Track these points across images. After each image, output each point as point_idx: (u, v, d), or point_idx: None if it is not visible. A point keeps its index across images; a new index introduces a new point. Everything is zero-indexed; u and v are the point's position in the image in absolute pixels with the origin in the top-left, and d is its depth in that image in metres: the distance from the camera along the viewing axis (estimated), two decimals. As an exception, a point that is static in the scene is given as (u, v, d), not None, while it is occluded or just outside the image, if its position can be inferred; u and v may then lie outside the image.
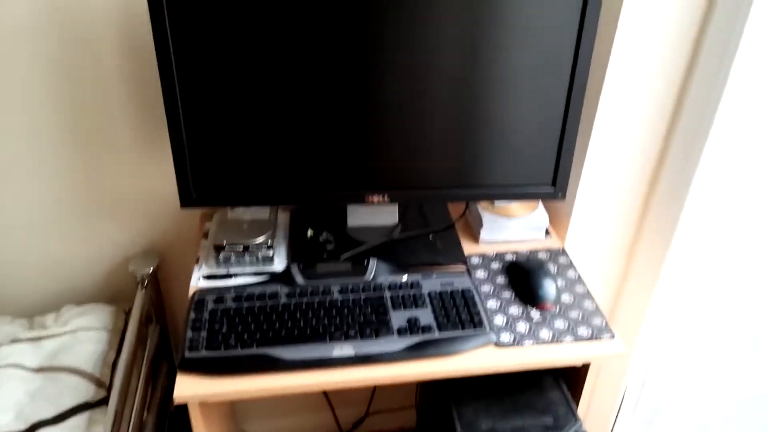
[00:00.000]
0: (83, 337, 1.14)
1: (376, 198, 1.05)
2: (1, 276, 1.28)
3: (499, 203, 1.18)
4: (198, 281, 1.06)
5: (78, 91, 1.11)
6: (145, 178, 1.23)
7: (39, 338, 1.15)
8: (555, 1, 0.90)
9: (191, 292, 1.03)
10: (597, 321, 1.00)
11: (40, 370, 1.09)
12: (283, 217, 1.21)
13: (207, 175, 1.01)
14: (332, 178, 1.03)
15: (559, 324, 0.99)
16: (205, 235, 1.16)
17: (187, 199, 1.01)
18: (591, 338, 0.97)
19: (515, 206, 1.18)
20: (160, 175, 1.23)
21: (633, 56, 1.04)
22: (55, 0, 1.02)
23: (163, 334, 1.35)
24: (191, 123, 0.96)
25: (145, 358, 1.22)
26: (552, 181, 1.06)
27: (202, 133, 0.97)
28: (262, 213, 1.14)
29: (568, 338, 0.97)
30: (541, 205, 1.20)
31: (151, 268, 1.26)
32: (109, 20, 1.05)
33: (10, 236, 1.24)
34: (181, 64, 0.91)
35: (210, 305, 0.99)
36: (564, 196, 1.06)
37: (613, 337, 0.97)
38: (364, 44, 0.92)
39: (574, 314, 1.01)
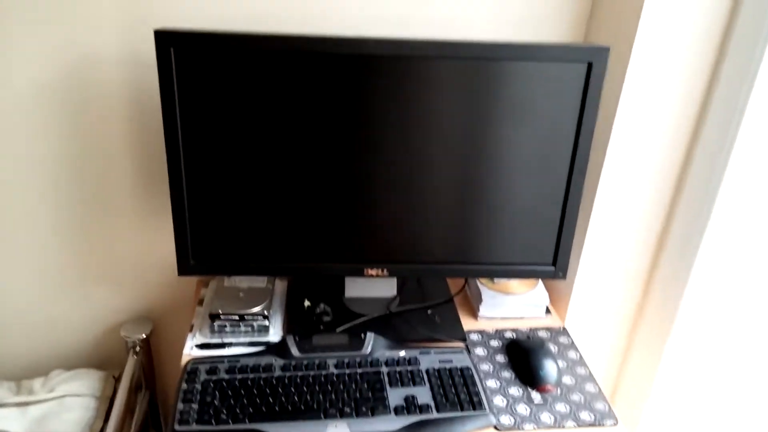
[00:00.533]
0: (71, 404, 1.11)
1: (374, 271, 1.04)
2: (-10, 338, 1.26)
3: (498, 279, 1.17)
4: (191, 350, 1.03)
5: (78, 155, 1.12)
6: (140, 243, 1.22)
7: (26, 403, 1.11)
8: (556, 83, 0.91)
9: (184, 360, 1.00)
10: (600, 406, 0.97)
11: (25, 437, 1.05)
12: (280, 286, 1.19)
13: (206, 244, 1.00)
14: (331, 251, 1.02)
15: (561, 407, 0.96)
16: (200, 302, 1.14)
17: (185, 267, 1.00)
18: (594, 424, 0.94)
19: (515, 283, 1.17)
20: (156, 241, 1.22)
21: (634, 134, 1.05)
22: (60, 66, 1.04)
23: (153, 401, 1.32)
24: (194, 193, 0.96)
25: (134, 426, 1.18)
26: (552, 260, 1.05)
27: (203, 203, 0.97)
28: (259, 281, 1.13)
29: (570, 423, 0.94)
30: (541, 282, 1.19)
31: (144, 334, 1.23)
32: (115, 89, 1.07)
33: (1, 297, 1.22)
34: (187, 136, 0.92)
35: (203, 376, 0.96)
36: (564, 275, 1.05)
37: (616, 423, 0.94)
38: (365, 123, 0.93)
39: (576, 397, 0.98)
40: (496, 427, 0.92)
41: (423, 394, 0.95)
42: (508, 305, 1.15)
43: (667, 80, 1.01)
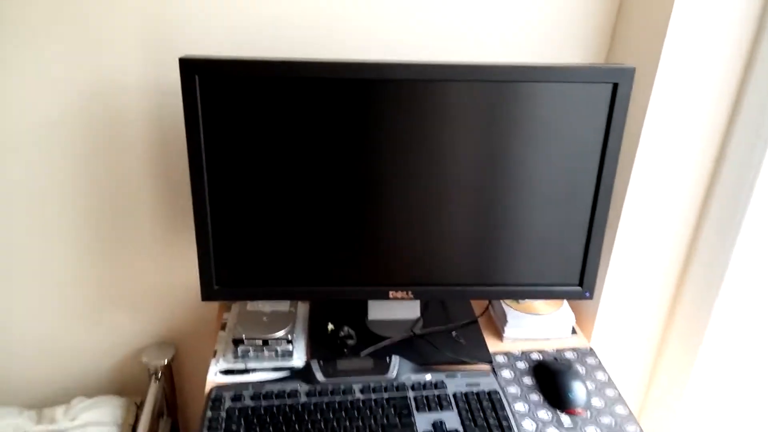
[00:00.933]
0: (93, 432, 1.10)
1: (399, 294, 1.03)
2: (11, 366, 1.26)
3: (523, 300, 1.16)
4: (215, 376, 1.03)
5: (99, 182, 1.12)
6: (160, 268, 1.22)
7: (48, 432, 1.11)
8: (581, 105, 0.91)
9: (208, 387, 1.00)
10: (631, 429, 0.95)
11: (47, 466, 1.05)
12: (302, 309, 1.19)
13: (230, 269, 0.99)
14: (355, 274, 1.01)
15: (591, 431, 0.95)
16: (223, 327, 1.13)
17: (209, 292, 1.00)
18: (625, 447, 0.92)
19: (540, 303, 1.16)
20: (177, 266, 1.22)
21: (660, 154, 1.04)
22: (83, 94, 1.04)
23: (175, 428, 1.31)
24: (217, 218, 0.96)
25: (154, 454, 1.17)
26: (579, 280, 1.04)
27: (227, 228, 0.97)
28: (282, 305, 1.12)
29: (601, 446, 0.92)
30: (566, 302, 1.17)
31: (166, 360, 1.23)
32: (137, 116, 1.08)
33: (22, 326, 1.22)
34: (211, 162, 0.92)
35: (227, 403, 0.95)
36: (592, 296, 1.04)
37: (648, 445, 0.92)
38: (389, 147, 0.92)
39: (606, 420, 0.97)
40: (526, 452, 0.91)
41: (451, 419, 0.93)
42: (534, 326, 1.13)
43: (692, 100, 1.01)
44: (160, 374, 1.22)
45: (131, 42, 1.01)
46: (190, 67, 0.85)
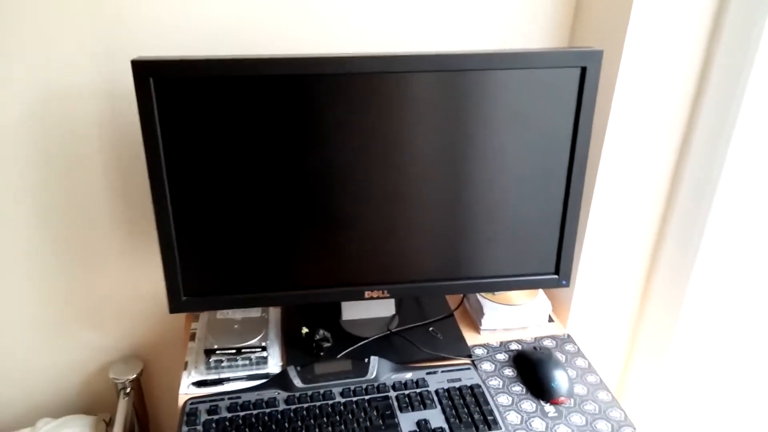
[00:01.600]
0: (60, 456, 1.06)
1: (375, 293, 1.00)
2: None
3: (500, 291, 1.15)
4: (188, 388, 0.99)
5: (55, 192, 1.07)
6: (123, 280, 1.17)
7: (11, 459, 1.05)
8: (549, 90, 0.89)
9: (181, 400, 0.96)
10: (615, 414, 0.95)
11: (12, 496, 0.99)
12: (274, 314, 1.15)
13: (197, 278, 0.95)
14: (327, 276, 0.98)
15: (577, 419, 0.94)
16: (192, 337, 1.09)
17: (177, 304, 0.95)
18: (611, 433, 0.92)
19: (516, 293, 1.15)
20: (140, 277, 1.18)
21: (628, 138, 1.04)
22: (33, 100, 0.99)
23: (146, 443, 1.26)
24: (181, 226, 0.92)
25: (127, 472, 1.13)
26: (555, 269, 1.03)
27: (192, 236, 0.93)
28: (253, 311, 1.09)
29: (587, 434, 0.92)
30: (542, 290, 1.17)
31: (134, 374, 1.18)
32: (91, 122, 1.02)
33: (-20, 346, 1.16)
34: (171, 167, 0.88)
35: (203, 416, 0.91)
36: (569, 283, 1.03)
37: (634, 430, 0.92)
38: (354, 143, 0.89)
39: (590, 407, 0.96)
40: (512, 446, 0.90)
41: (435, 417, 0.92)
42: (510, 316, 1.12)
43: (659, 82, 1.00)
44: (129, 389, 1.17)
45: (82, 44, 0.96)
46: (143, 69, 0.81)
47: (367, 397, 0.95)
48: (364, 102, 0.87)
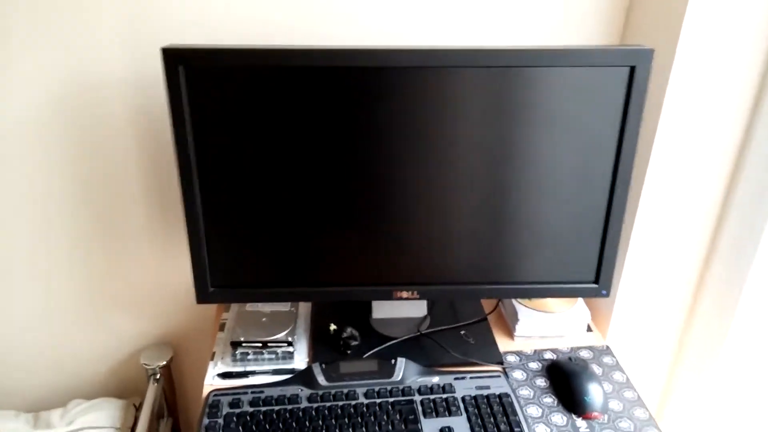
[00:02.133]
0: (89, 438, 1.07)
1: (404, 294, 0.98)
2: (8, 368, 1.23)
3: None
4: (213, 379, 0.98)
5: (92, 184, 1.08)
6: (157, 267, 1.18)
7: (42, 438, 1.07)
8: (596, 90, 0.85)
9: (205, 391, 0.95)
10: (651, 433, 0.90)
11: (42, 474, 1.01)
12: (303, 308, 1.14)
13: (225, 269, 0.95)
14: (357, 273, 0.96)
15: (609, 436, 0.90)
16: (222, 327, 1.09)
17: (204, 295, 0.95)
18: (645, 454, 0.87)
19: (554, 300, 1.10)
20: (174, 266, 1.18)
21: (679, 142, 0.98)
22: (64, 90, 1.00)
23: (176, 429, 1.27)
24: (210, 216, 0.91)
25: (156, 456, 1.14)
26: (595, 277, 0.98)
27: (220, 227, 0.92)
28: (282, 305, 1.08)
29: (619, 453, 0.87)
30: (581, 299, 1.12)
31: (165, 361, 1.19)
32: (123, 111, 1.03)
33: (18, 328, 1.19)
34: (200, 157, 0.87)
35: (225, 409, 0.91)
36: (608, 293, 0.98)
37: (669, 452, 0.87)
38: (390, 139, 0.86)
39: (625, 425, 0.91)
40: (539, 460, 0.86)
41: (460, 426, 0.89)
42: (546, 324, 1.08)
43: (714, 83, 0.94)
44: (159, 375, 1.18)
45: (113, 32, 0.96)
46: (173, 58, 0.80)
47: (391, 400, 0.92)
48: (399, 97, 0.84)
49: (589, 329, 1.12)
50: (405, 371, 0.97)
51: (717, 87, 0.95)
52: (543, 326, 1.08)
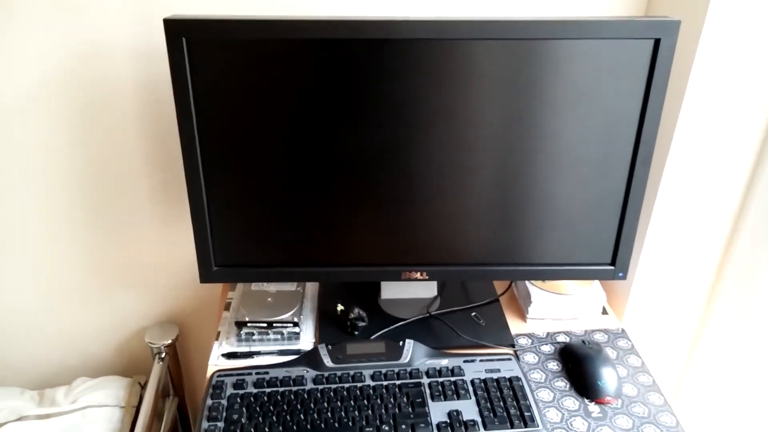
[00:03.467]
0: (94, 416, 1.06)
1: (414, 275, 0.95)
2: (14, 347, 1.22)
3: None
4: (218, 359, 0.97)
5: (96, 161, 1.06)
6: (162, 245, 1.16)
7: (48, 416, 1.06)
8: (618, 63, 0.80)
9: (209, 371, 0.94)
10: (667, 419, 0.87)
11: (47, 451, 1.00)
12: (310, 288, 1.12)
13: (229, 248, 0.92)
14: (364, 253, 0.93)
15: (623, 422, 0.87)
16: (227, 307, 1.07)
17: (207, 274, 0.93)
18: (660, 441, 0.85)
19: (568, 282, 1.07)
20: (180, 244, 1.16)
21: (705, 115, 0.94)
22: (67, 62, 0.97)
23: (181, 407, 1.26)
24: (213, 193, 0.88)
25: (161, 432, 1.13)
26: (611, 259, 0.94)
27: (224, 204, 0.89)
28: (288, 284, 1.05)
29: (633, 440, 0.85)
30: (597, 281, 1.09)
31: (170, 340, 1.18)
32: (126, 84, 1.00)
33: (24, 306, 1.19)
34: (203, 132, 0.84)
35: (229, 390, 0.89)
36: (625, 276, 0.95)
37: (685, 440, 0.85)
38: (400, 114, 0.83)
39: (639, 410, 0.89)
40: (550, 446, 0.84)
41: (468, 409, 0.86)
42: (560, 306, 1.05)
43: (743, 57, 0.90)
44: (164, 354, 1.17)
45: (116, 3, 0.93)
46: (175, 29, 0.77)
47: (398, 382, 0.90)
48: (411, 71, 0.80)
49: (604, 312, 1.09)
50: (413, 353, 0.95)
51: (746, 61, 0.90)
52: (557, 308, 1.05)
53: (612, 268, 0.95)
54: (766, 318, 1.04)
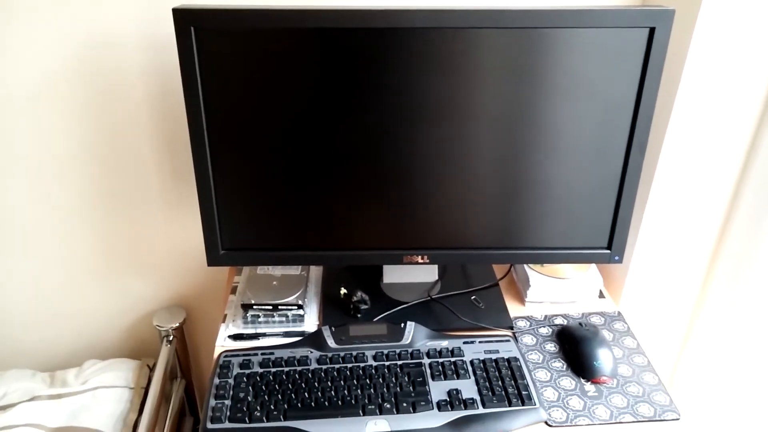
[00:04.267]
0: (104, 396, 1.09)
1: (415, 258, 0.97)
2: (26, 330, 1.25)
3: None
4: (224, 341, 0.99)
5: (104, 143, 1.08)
6: (170, 230, 1.19)
7: (59, 396, 1.09)
8: (613, 52, 0.83)
9: (216, 352, 0.97)
10: (660, 398, 0.90)
11: (60, 430, 1.03)
12: (315, 272, 1.14)
13: (236, 232, 0.95)
14: (367, 237, 0.96)
15: (618, 400, 0.89)
16: (234, 290, 1.10)
17: (214, 257, 0.95)
18: (654, 418, 0.87)
19: (566, 266, 1.10)
20: (187, 229, 1.19)
21: (700, 103, 0.96)
22: (76, 52, 0.99)
23: (189, 389, 1.29)
24: (221, 179, 0.91)
25: (169, 414, 1.17)
26: (608, 243, 0.97)
27: (231, 190, 0.92)
28: (293, 268, 1.08)
29: (628, 417, 0.87)
30: (594, 265, 1.11)
31: (177, 323, 1.20)
32: (135, 73, 1.03)
33: (34, 289, 1.21)
34: (211, 119, 0.86)
35: (235, 370, 0.92)
36: (621, 259, 0.97)
37: (678, 417, 0.87)
38: (401, 101, 0.85)
39: (633, 389, 0.91)
40: (547, 423, 0.86)
41: (468, 388, 0.89)
42: (558, 289, 1.07)
43: (737, 46, 0.92)
44: (171, 337, 1.20)
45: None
46: (184, 18, 0.79)
47: (399, 362, 0.93)
48: (412, 58, 0.82)
49: (601, 296, 1.11)
50: (414, 335, 0.97)
51: (740, 50, 0.92)
52: (554, 292, 1.07)
53: (608, 251, 0.97)
54: (760, 301, 1.07)
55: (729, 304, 1.09)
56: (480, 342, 0.97)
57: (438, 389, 0.89)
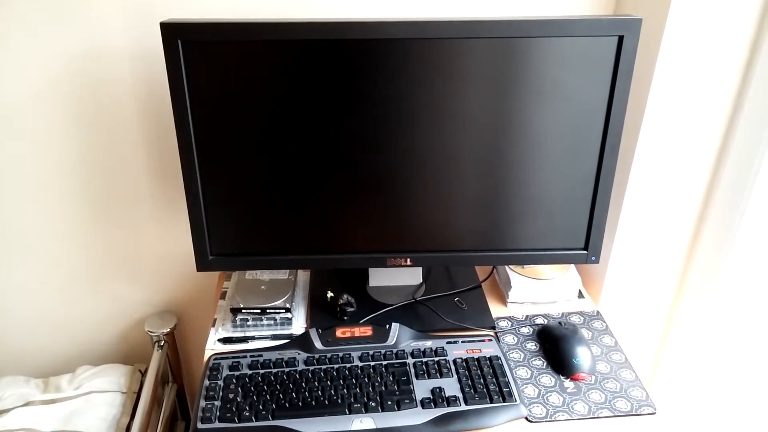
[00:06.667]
0: (97, 401, 1.11)
1: (399, 261, 1.00)
2: (18, 335, 1.27)
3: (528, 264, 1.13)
4: (214, 344, 1.02)
5: (95, 152, 1.10)
6: (160, 237, 1.21)
7: (53, 401, 1.11)
8: (585, 59, 0.86)
9: (206, 356, 0.99)
10: (637, 393, 0.93)
11: (53, 435, 1.05)
12: (302, 276, 1.17)
13: (224, 238, 0.98)
14: (352, 241, 0.99)
15: (596, 396, 0.92)
16: (223, 295, 1.12)
17: (204, 263, 0.98)
18: (631, 413, 0.90)
19: (546, 267, 1.13)
20: (176, 234, 1.21)
21: (669, 111, 0.99)
22: (67, 64, 1.02)
23: (180, 394, 1.31)
24: (209, 186, 0.94)
25: (161, 418, 1.18)
26: (584, 244, 1.00)
27: (219, 196, 0.95)
28: (281, 273, 1.11)
29: (606, 412, 0.90)
30: (573, 266, 1.14)
31: (168, 328, 1.23)
32: (125, 84, 1.05)
33: (27, 296, 1.23)
34: (199, 129, 0.89)
35: (225, 372, 0.94)
36: (597, 260, 1.00)
37: (654, 412, 0.90)
38: (385, 109, 0.89)
39: (611, 385, 0.94)
40: (527, 419, 0.89)
41: (451, 386, 0.92)
42: (539, 290, 1.10)
43: (704, 53, 0.95)
44: (163, 342, 1.22)
45: (112, 7, 0.98)
46: (171, 32, 0.82)
47: (384, 363, 0.95)
48: (394, 68, 0.86)
49: (580, 295, 1.14)
50: (399, 336, 1.00)
51: (707, 56, 0.96)
52: (535, 292, 1.10)
53: (585, 252, 1.01)
54: (734, 299, 1.10)
55: (704, 301, 1.13)
56: (463, 342, 1.00)
57: (422, 388, 0.92)
